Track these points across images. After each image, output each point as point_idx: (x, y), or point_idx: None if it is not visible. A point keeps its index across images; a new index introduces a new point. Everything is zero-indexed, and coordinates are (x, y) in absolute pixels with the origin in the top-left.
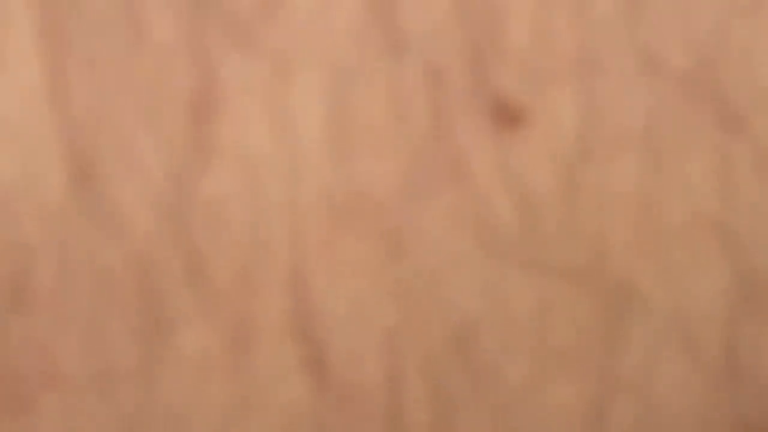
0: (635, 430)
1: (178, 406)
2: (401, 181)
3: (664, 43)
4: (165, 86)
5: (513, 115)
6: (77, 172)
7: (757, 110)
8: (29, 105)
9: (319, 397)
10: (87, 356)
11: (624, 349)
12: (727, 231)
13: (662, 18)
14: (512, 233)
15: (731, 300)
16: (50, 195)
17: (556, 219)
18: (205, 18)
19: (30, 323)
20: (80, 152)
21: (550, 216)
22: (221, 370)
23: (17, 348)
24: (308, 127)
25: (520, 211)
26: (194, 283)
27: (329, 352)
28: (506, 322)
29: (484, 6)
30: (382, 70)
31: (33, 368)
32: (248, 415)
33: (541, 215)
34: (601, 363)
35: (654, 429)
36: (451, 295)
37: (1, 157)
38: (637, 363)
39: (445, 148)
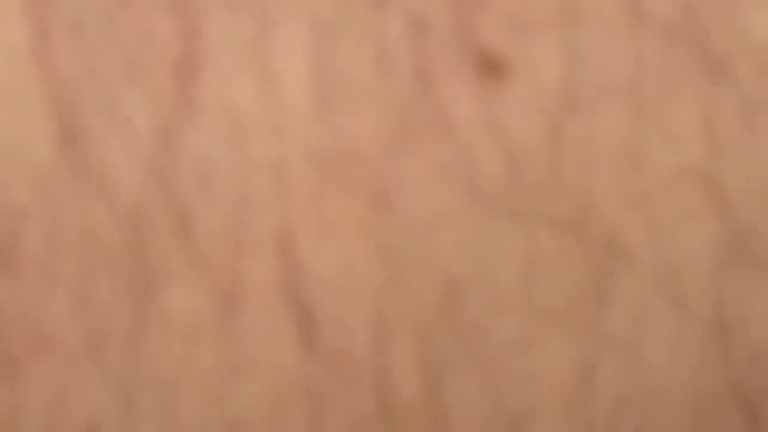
0: (624, 388)
1: (168, 369)
2: (386, 134)
3: None
4: (149, 43)
5: (497, 67)
6: (63, 131)
7: (741, 59)
8: (14, 65)
9: (307, 358)
10: (77, 319)
11: (612, 306)
12: (714, 181)
13: None
14: (498, 185)
15: (720, 253)
16: (37, 155)
17: (541, 170)
18: None
19: (19, 286)
20: (66, 112)
21: (536, 167)
22: (210, 331)
23: (7, 312)
24: (292, 82)
25: (505, 163)
26: (182, 241)
27: (317, 312)
28: (493, 279)
29: None
30: (366, 23)
31: (23, 332)
32: (238, 377)
33: (526, 166)
34: (590, 320)
35: (643, 387)
36: (438, 249)
37: None
38: (625, 320)
39: (429, 101)
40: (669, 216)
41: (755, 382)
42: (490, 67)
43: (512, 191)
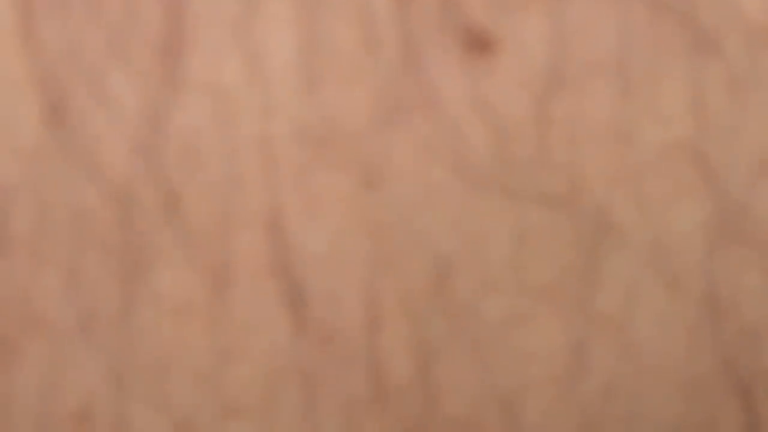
0: (615, 366)
1: (160, 348)
2: (373, 110)
3: None
4: (135, 22)
5: (483, 43)
6: (50, 110)
7: (729, 33)
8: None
9: (298, 336)
10: (68, 298)
11: (603, 285)
12: (704, 157)
13: None
14: (486, 161)
15: (710, 230)
16: (24, 134)
17: (529, 146)
18: None
19: (9, 266)
20: (52, 90)
21: (524, 144)
22: (201, 310)
23: None
24: (278, 59)
25: (492, 140)
26: (171, 220)
27: (308, 291)
28: (483, 256)
29: None
30: None
31: (15, 312)
32: (229, 357)
33: (514, 143)
34: (581, 299)
35: (634, 365)
36: (427, 226)
37: None
38: (616, 297)
39: (416, 78)
40: (659, 192)
41: (747, 361)
42: (477, 44)
43: (500, 168)
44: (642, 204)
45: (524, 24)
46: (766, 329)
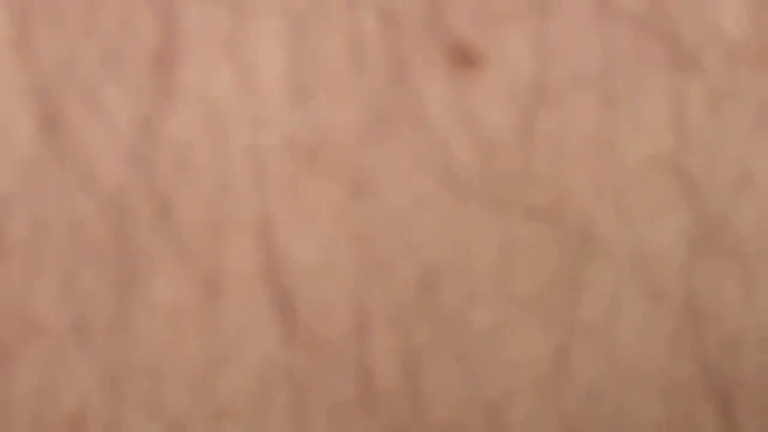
0: (598, 374)
1: (153, 355)
2: (361, 123)
3: None
4: (128, 34)
5: (469, 58)
6: (45, 121)
7: (709, 48)
8: None
9: (288, 344)
10: (63, 306)
11: (586, 294)
12: (684, 171)
13: None
14: (472, 174)
15: (691, 242)
16: (19, 145)
17: (514, 159)
18: None
19: (6, 273)
20: (47, 101)
21: (509, 157)
22: (193, 318)
23: None
24: (269, 72)
25: (478, 152)
26: (164, 229)
27: (297, 299)
28: (469, 266)
29: None
30: (340, 15)
31: (11, 320)
32: (221, 363)
33: (499, 156)
34: (564, 308)
35: (616, 373)
36: (414, 236)
37: None
38: (598, 307)
39: (403, 92)
40: (641, 205)
41: (727, 370)
42: (463, 58)
43: (486, 180)
44: (624, 216)
45: (509, 39)
46: (745, 338)
